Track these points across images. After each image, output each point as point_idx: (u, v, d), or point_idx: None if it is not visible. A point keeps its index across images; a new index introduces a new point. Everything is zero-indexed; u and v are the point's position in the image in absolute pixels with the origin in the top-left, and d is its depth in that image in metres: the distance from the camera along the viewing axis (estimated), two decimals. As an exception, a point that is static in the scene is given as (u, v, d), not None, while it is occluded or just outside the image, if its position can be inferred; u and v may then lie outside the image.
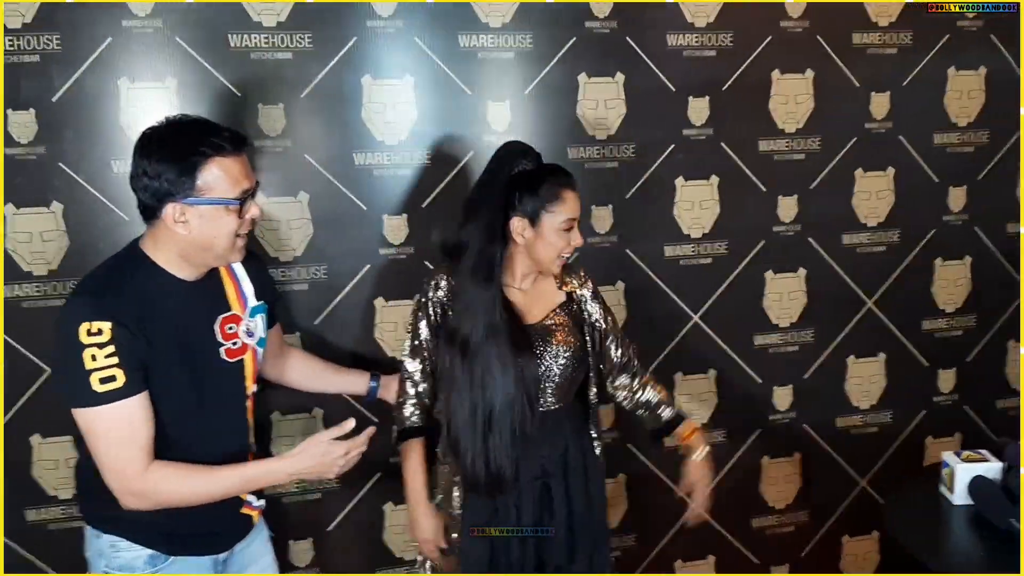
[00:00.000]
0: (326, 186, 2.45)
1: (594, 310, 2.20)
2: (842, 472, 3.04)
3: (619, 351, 2.24)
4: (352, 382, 2.32)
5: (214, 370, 1.85)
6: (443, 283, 2.10)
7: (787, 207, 2.81)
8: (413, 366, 2.14)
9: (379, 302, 2.55)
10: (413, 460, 2.14)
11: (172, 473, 1.76)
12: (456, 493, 2.12)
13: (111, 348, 1.66)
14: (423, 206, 2.53)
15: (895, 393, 3.02)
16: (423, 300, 2.12)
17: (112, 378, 1.67)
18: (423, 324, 2.12)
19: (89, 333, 1.65)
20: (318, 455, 1.84)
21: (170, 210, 1.72)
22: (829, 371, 2.96)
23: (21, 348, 2.32)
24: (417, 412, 2.15)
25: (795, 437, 2.98)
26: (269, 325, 2.02)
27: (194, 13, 2.29)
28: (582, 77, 2.58)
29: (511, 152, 2.07)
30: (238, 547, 1.99)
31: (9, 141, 2.23)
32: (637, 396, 2.28)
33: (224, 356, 1.87)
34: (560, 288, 2.18)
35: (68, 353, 1.67)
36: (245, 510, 1.97)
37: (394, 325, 2.56)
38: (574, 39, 2.54)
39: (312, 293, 2.50)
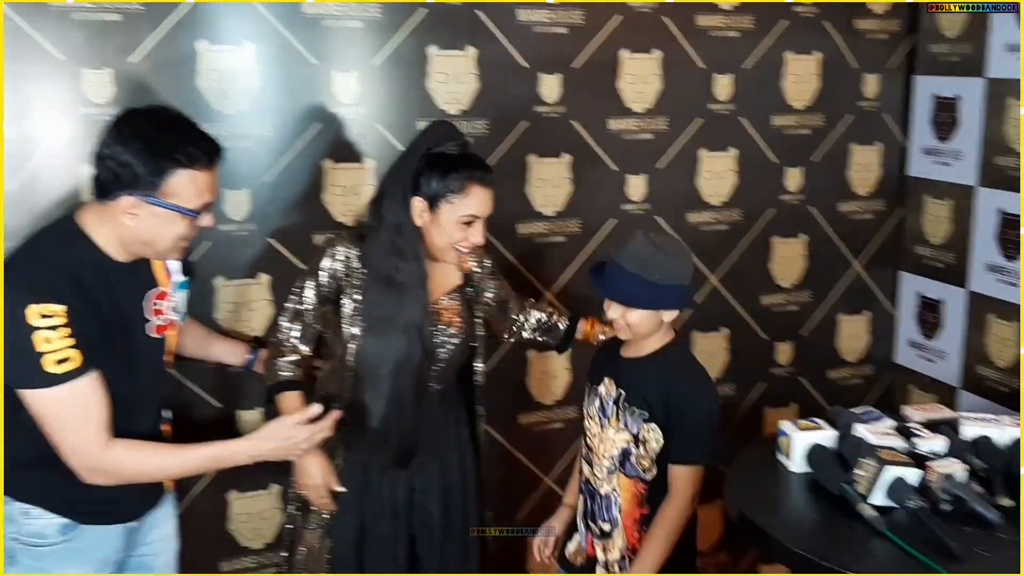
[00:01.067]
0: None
1: (489, 287, 2.25)
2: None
3: (518, 312, 2.39)
4: (230, 351, 2.30)
5: (141, 346, 1.86)
6: (342, 254, 2.06)
7: (636, 185, 2.86)
8: (295, 330, 2.10)
9: (219, 281, 2.43)
10: (292, 409, 2.05)
11: (135, 451, 1.78)
12: (337, 461, 2.11)
13: (66, 331, 1.66)
14: (263, 180, 2.42)
15: (736, 366, 3.14)
16: (317, 267, 2.07)
17: (67, 359, 1.67)
18: (311, 291, 2.08)
19: (42, 316, 1.64)
20: (281, 438, 1.89)
21: (125, 201, 1.71)
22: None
23: None
24: (295, 369, 2.11)
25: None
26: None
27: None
28: (432, 50, 2.52)
29: (435, 132, 2.07)
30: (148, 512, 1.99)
31: None
32: (529, 321, 2.40)
33: (150, 332, 1.88)
34: (459, 268, 2.16)
35: (15, 336, 1.65)
36: (162, 427, 1.98)
37: (234, 306, 2.45)
38: (423, 11, 2.49)
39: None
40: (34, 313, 1.64)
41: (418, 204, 2.01)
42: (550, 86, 2.68)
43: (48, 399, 1.69)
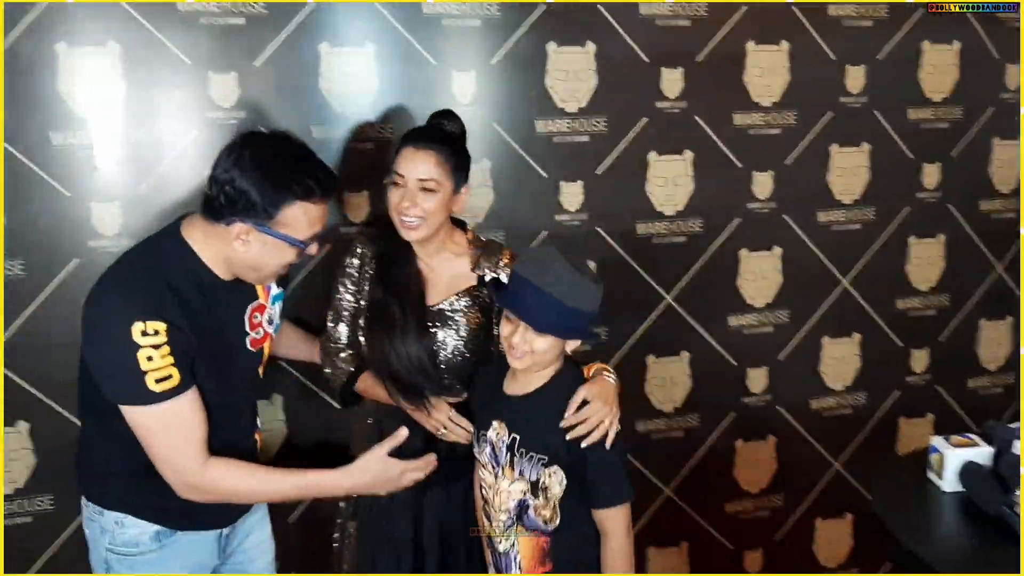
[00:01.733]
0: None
1: None
2: (816, 454, 2.98)
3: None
4: (315, 351, 2.23)
5: (239, 359, 1.86)
6: (359, 250, 2.08)
7: (762, 183, 2.73)
8: (340, 330, 2.10)
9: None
10: (373, 388, 2.04)
11: (232, 471, 1.77)
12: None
13: (166, 349, 1.65)
14: (386, 182, 2.39)
15: (869, 374, 2.97)
16: (343, 267, 2.09)
17: (168, 376, 1.66)
18: (344, 291, 2.09)
19: (144, 334, 1.64)
20: (378, 471, 1.86)
21: (237, 227, 1.70)
22: (804, 352, 2.90)
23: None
24: (353, 360, 2.09)
25: (769, 420, 2.91)
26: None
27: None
28: (551, 46, 2.46)
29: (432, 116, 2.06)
30: (240, 519, 1.98)
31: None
32: None
33: (249, 346, 1.87)
34: (473, 270, 2.07)
35: (119, 352, 1.65)
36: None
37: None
38: (543, 7, 2.43)
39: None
40: (138, 330, 1.63)
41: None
42: (672, 81, 2.58)
43: (149, 416, 1.69)
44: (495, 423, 1.86)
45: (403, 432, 1.87)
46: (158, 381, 1.65)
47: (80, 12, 2.11)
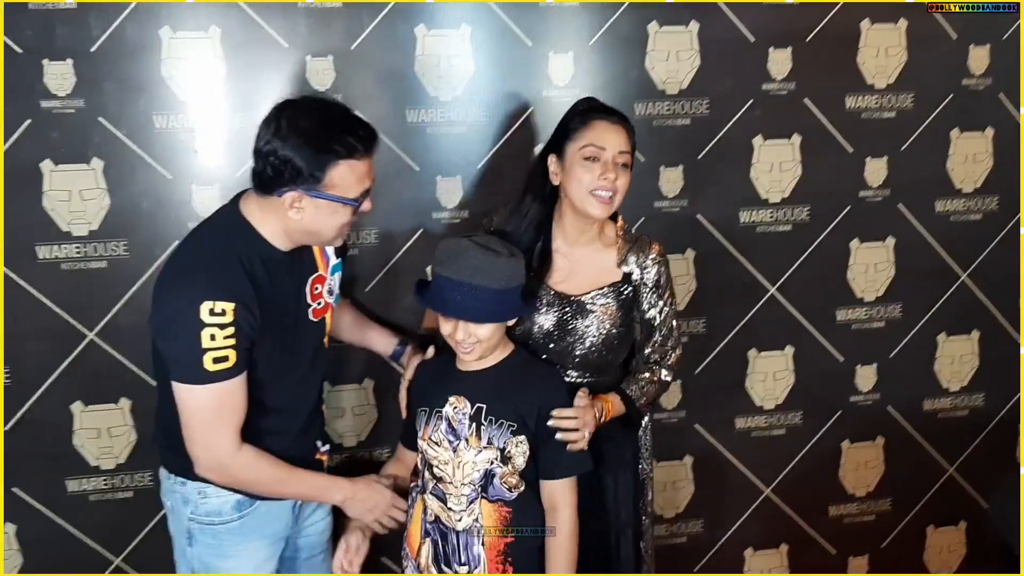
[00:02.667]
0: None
1: (648, 301, 2.00)
2: (929, 458, 2.82)
3: (651, 348, 2.04)
4: (380, 340, 2.22)
5: (303, 331, 1.87)
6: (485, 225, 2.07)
7: (875, 170, 2.59)
8: None
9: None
10: None
11: (258, 461, 1.79)
12: None
13: (231, 330, 1.67)
14: (478, 167, 2.36)
15: (988, 374, 2.79)
16: None
17: (225, 358, 1.68)
18: None
19: (212, 313, 1.65)
20: (373, 494, 1.92)
21: (289, 197, 1.70)
22: (917, 349, 2.74)
23: (61, 312, 2.22)
24: None
25: (878, 420, 2.77)
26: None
27: (238, -43, 2.15)
28: (652, 26, 2.38)
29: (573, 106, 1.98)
30: None
31: (46, 94, 2.12)
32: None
33: (311, 316, 1.88)
34: (619, 266, 1.98)
35: (185, 329, 1.67)
36: (317, 456, 1.98)
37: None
38: (644, -16, 2.36)
39: (364, 257, 2.36)
40: (207, 309, 1.65)
41: (551, 163, 1.94)
42: (779, 61, 2.46)
43: (199, 395, 1.71)
44: (451, 398, 1.85)
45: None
46: (215, 361, 1.67)
47: (183, -3, 2.15)
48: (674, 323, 2.04)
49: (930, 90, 2.58)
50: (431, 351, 2.00)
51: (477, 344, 1.79)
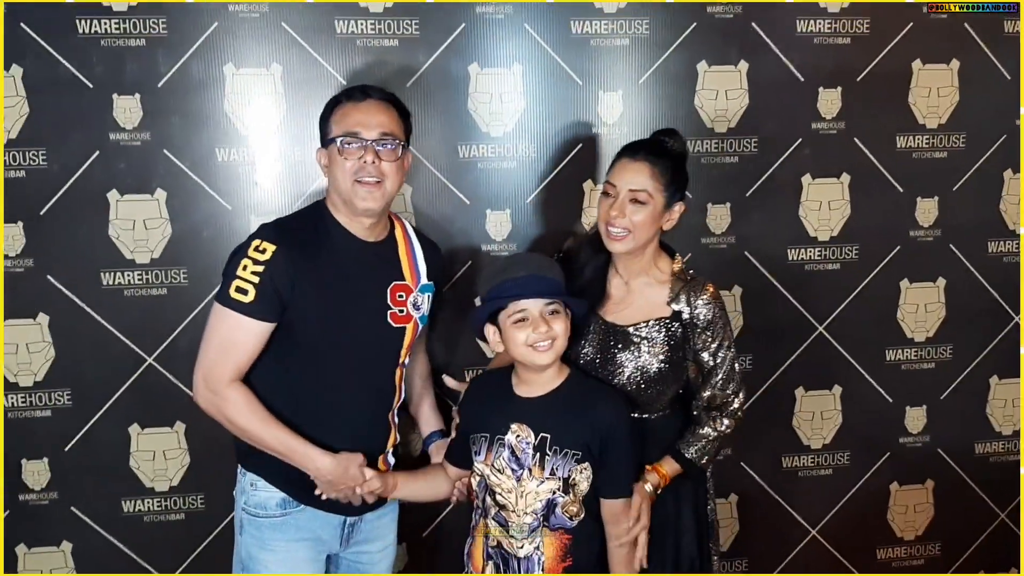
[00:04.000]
0: (430, 180, 2.35)
1: (701, 341, 1.96)
2: (980, 503, 2.77)
3: (709, 391, 2.00)
4: (426, 419, 2.21)
5: (377, 332, 1.93)
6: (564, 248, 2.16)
7: (926, 210, 2.57)
8: None
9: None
10: None
11: (242, 405, 1.83)
12: None
13: (261, 268, 1.79)
14: (527, 200, 2.40)
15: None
16: None
17: (246, 291, 1.79)
18: None
19: (256, 249, 1.81)
20: (341, 468, 1.88)
21: (318, 155, 1.93)
22: (969, 392, 2.70)
23: (122, 337, 2.30)
24: None
25: (928, 463, 2.73)
26: (431, 312, 2.06)
27: (300, -2, 2.23)
28: (701, 65, 2.41)
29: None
30: (370, 516, 2.02)
31: (114, 126, 2.22)
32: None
33: (390, 320, 1.93)
34: (669, 303, 1.97)
35: (236, 254, 1.84)
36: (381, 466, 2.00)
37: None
38: (694, 24, 2.38)
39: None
40: (254, 244, 1.82)
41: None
42: (829, 100, 2.47)
43: (216, 314, 1.83)
44: (513, 426, 1.83)
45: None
46: (237, 290, 1.79)
47: (247, 34, 2.23)
48: (735, 367, 2.00)
49: (982, 130, 2.56)
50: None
51: (554, 342, 1.77)
